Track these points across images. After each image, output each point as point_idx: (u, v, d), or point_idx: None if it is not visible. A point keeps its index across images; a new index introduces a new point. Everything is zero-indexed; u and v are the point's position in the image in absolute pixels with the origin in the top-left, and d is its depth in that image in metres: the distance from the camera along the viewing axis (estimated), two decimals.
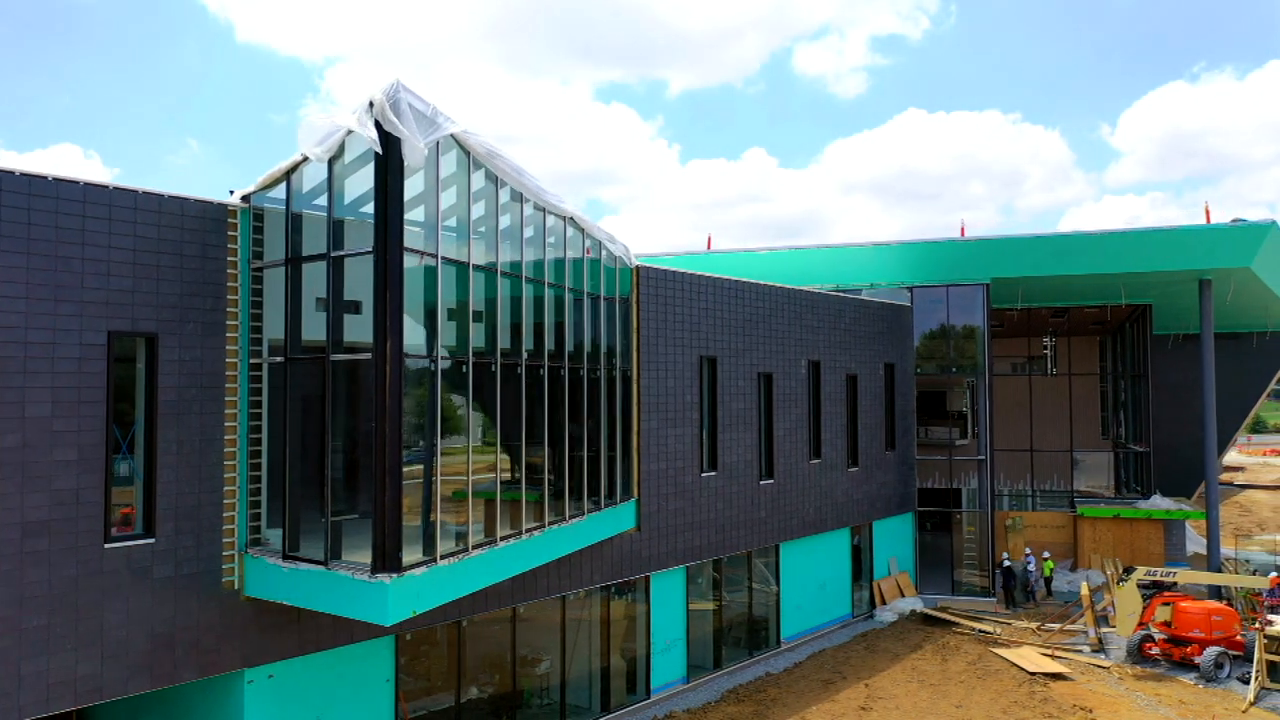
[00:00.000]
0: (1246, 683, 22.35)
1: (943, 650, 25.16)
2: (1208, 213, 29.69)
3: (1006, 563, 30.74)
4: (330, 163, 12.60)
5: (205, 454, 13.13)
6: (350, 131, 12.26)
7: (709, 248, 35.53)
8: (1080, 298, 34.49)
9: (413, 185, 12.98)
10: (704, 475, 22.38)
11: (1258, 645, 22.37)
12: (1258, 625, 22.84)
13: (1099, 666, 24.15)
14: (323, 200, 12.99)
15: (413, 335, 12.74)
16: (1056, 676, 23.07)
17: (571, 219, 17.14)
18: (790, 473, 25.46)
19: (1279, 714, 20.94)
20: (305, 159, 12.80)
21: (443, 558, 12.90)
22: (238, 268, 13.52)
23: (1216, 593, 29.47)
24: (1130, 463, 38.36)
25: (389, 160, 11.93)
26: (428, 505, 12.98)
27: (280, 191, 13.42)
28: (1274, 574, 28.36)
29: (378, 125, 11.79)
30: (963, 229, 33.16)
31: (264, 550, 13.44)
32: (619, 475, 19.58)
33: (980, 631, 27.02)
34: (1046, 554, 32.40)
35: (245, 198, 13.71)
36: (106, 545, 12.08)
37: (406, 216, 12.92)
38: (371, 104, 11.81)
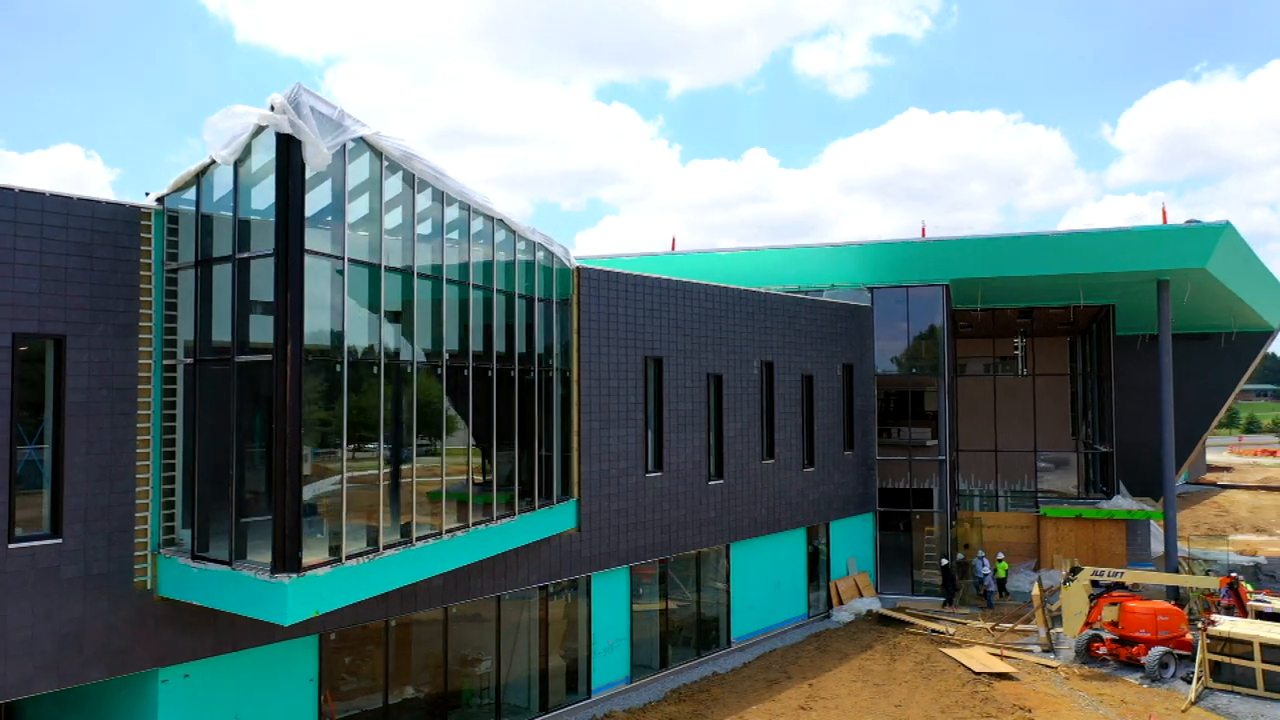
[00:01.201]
0: (1191, 682, 22.43)
1: (892, 650, 25.24)
2: (1164, 214, 29.77)
3: (945, 562, 30.87)
4: (236, 165, 12.69)
5: (117, 455, 13.19)
6: (256, 134, 12.37)
7: (673, 249, 35.63)
8: (1042, 298, 34.59)
9: (326, 188, 13.12)
10: (649, 476, 22.45)
11: (1200, 645, 22.47)
12: (1201, 625, 22.91)
13: (1047, 666, 24.23)
14: (246, 201, 13.05)
15: (319, 337, 12.84)
16: (1002, 676, 23.14)
17: (501, 220, 17.22)
18: (741, 473, 25.53)
19: (1219, 713, 21.04)
20: (214, 161, 12.87)
21: (349, 558, 12.97)
22: (152, 269, 13.60)
23: (1174, 593, 29.55)
24: (1096, 463, 38.46)
25: (290, 161, 12.02)
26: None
27: (194, 193, 13.50)
28: (1233, 574, 28.48)
29: (280, 131, 11.88)
30: (923, 229, 33.22)
31: (177, 550, 13.52)
32: (557, 476, 19.67)
33: (933, 632, 27.09)
34: (1001, 555, 32.45)
35: (160, 199, 13.79)
36: (10, 545, 12.13)
37: (327, 219, 13.05)
38: (272, 106, 11.90)
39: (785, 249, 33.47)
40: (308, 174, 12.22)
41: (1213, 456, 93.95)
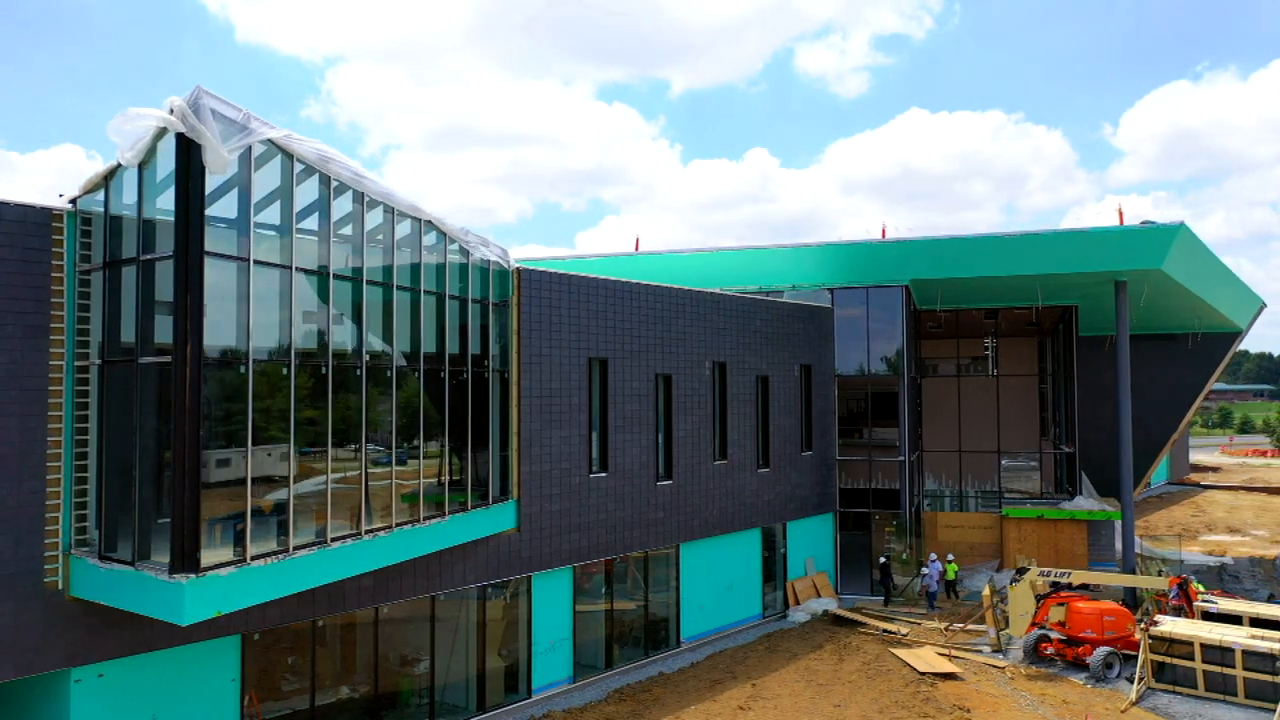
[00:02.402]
0: (1135, 682, 22.49)
1: (842, 650, 25.29)
2: (1120, 214, 29.81)
3: (883, 559, 30.96)
4: (140, 167, 12.74)
5: (26, 456, 13.22)
6: (158, 136, 12.42)
7: (637, 249, 35.68)
8: (1002, 299, 34.63)
9: (235, 190, 13.16)
10: (593, 476, 22.50)
11: (1142, 645, 22.54)
12: (1144, 626, 22.98)
13: (994, 666, 24.28)
14: (150, 203, 13.09)
15: (224, 338, 12.88)
16: (948, 676, 23.20)
17: (430, 223, 17.25)
18: (691, 474, 25.57)
19: (1158, 713, 21.11)
20: (120, 164, 12.92)
21: (255, 558, 13.01)
22: (64, 271, 13.64)
23: (1131, 594, 29.60)
24: (1063, 463, 38.54)
25: (190, 164, 12.06)
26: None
27: (104, 195, 13.54)
28: (1184, 574, 28.53)
29: (180, 134, 11.93)
30: (884, 230, 33.29)
31: (88, 551, 13.56)
32: (495, 476, 19.72)
33: (885, 632, 27.14)
34: (951, 556, 32.49)
35: (73, 201, 13.83)
36: None
37: (234, 221, 13.09)
38: (171, 109, 11.94)
39: (747, 250, 33.51)
40: (209, 177, 12.26)
41: (1204, 457, 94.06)
